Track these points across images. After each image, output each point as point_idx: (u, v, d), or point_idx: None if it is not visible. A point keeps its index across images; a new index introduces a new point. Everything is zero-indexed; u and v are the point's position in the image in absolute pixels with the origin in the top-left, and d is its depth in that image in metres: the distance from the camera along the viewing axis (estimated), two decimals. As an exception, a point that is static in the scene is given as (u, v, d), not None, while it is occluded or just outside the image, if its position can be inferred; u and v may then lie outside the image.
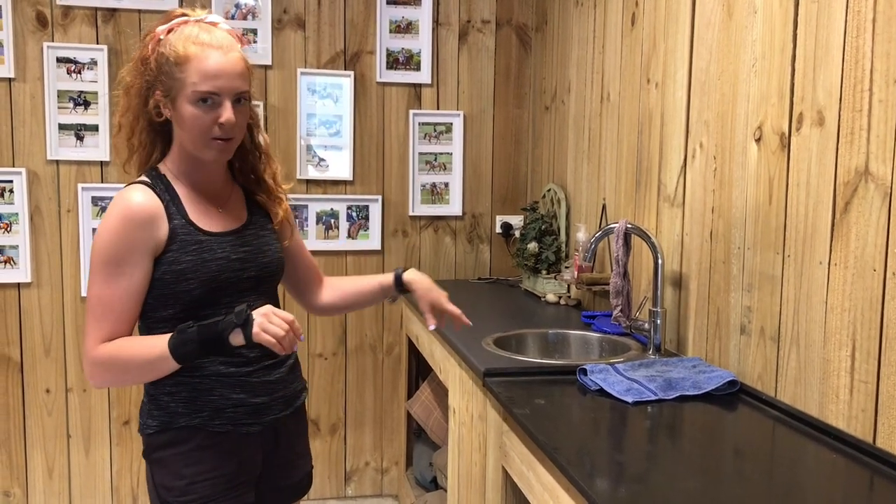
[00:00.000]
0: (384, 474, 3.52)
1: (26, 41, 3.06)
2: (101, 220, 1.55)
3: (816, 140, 1.60)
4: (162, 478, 1.60)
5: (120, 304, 1.51)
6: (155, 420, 1.60)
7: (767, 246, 1.76)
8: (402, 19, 3.35)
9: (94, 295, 1.51)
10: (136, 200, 1.53)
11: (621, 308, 2.17)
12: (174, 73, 1.51)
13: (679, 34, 2.15)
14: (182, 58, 1.51)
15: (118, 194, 1.57)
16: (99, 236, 1.52)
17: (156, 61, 1.54)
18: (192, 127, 1.53)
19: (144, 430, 1.62)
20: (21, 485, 3.21)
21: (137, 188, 1.56)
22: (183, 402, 1.58)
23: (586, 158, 2.85)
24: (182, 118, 1.53)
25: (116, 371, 1.53)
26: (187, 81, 1.50)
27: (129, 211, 1.51)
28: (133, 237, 1.51)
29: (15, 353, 3.15)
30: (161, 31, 1.56)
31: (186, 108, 1.52)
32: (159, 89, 1.54)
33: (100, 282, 1.51)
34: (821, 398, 1.59)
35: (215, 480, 1.59)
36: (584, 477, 1.35)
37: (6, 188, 3.08)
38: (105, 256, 1.50)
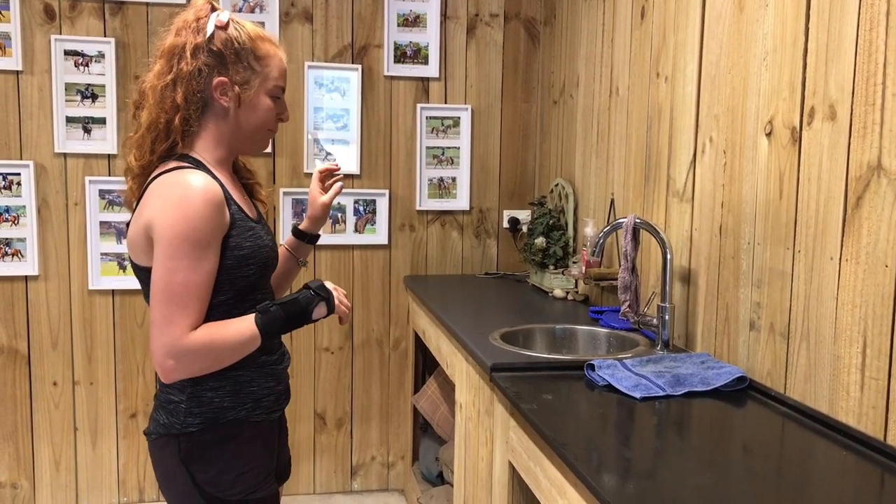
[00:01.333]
0: (390, 469, 3.52)
1: (34, 34, 3.06)
2: (171, 206, 1.47)
3: (828, 134, 1.58)
4: (206, 475, 1.56)
5: (205, 289, 1.49)
6: (198, 418, 1.55)
7: (778, 241, 1.75)
8: (409, 13, 3.34)
9: (179, 281, 1.45)
10: (207, 184, 1.49)
11: (629, 303, 2.16)
12: (254, 65, 1.59)
13: (689, 27, 2.14)
14: (266, 53, 1.60)
15: (180, 180, 1.49)
16: (178, 222, 1.45)
17: (229, 49, 1.56)
18: (263, 119, 1.62)
19: (184, 430, 1.55)
20: (28, 477, 3.22)
21: (196, 173, 1.51)
22: (229, 396, 1.57)
23: (595, 153, 2.84)
24: (256, 108, 1.61)
25: (210, 358, 1.50)
26: (270, 76, 1.61)
27: (208, 194, 1.48)
28: (215, 220, 1.49)
29: (22, 346, 3.16)
30: (222, 21, 1.57)
31: (264, 100, 1.61)
32: (225, 76, 1.56)
33: (185, 267, 1.45)
34: (831, 395, 1.58)
35: (258, 470, 1.61)
36: (591, 472, 1.34)
37: (14, 181, 3.08)
38: (192, 241, 1.45)
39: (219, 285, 1.52)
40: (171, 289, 1.46)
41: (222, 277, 1.53)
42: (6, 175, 3.08)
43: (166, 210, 1.47)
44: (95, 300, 3.20)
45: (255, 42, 1.59)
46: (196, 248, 1.46)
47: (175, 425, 1.55)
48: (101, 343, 3.22)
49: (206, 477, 1.56)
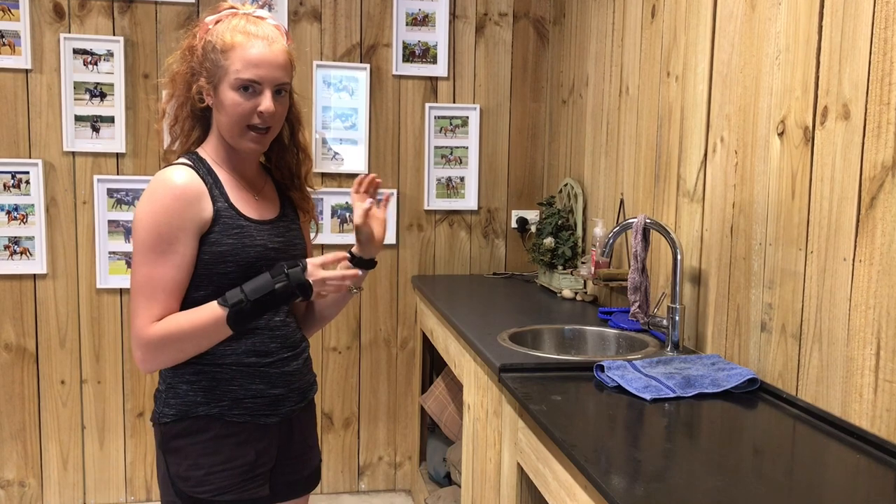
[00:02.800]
0: (397, 469, 3.51)
1: (43, 32, 3.06)
2: (143, 200, 1.53)
3: (841, 134, 1.57)
4: (178, 468, 1.59)
5: (172, 282, 1.51)
6: (172, 409, 1.59)
7: (790, 242, 1.73)
8: (418, 12, 3.33)
9: (144, 275, 1.50)
10: (181, 178, 1.53)
11: (639, 304, 2.15)
12: (219, 61, 1.56)
13: (700, 26, 2.12)
14: (227, 45, 1.55)
15: (159, 174, 1.56)
16: (146, 215, 1.51)
17: (202, 49, 1.58)
18: (231, 113, 1.56)
19: (160, 420, 1.61)
20: (36, 475, 3.22)
21: (179, 168, 1.57)
22: (202, 391, 1.58)
23: (604, 153, 2.82)
24: (223, 104, 1.57)
25: (172, 349, 1.52)
26: (230, 69, 1.55)
27: (177, 188, 1.52)
28: (183, 214, 1.51)
29: (30, 345, 3.16)
30: (210, 21, 1.60)
31: (228, 94, 1.55)
32: (203, 76, 1.58)
33: (150, 261, 1.49)
34: (843, 397, 1.56)
35: (232, 471, 1.59)
36: (601, 474, 1.33)
37: (22, 179, 3.09)
38: (155, 235, 1.49)
39: (198, 279, 1.55)
40: (137, 282, 1.51)
41: (200, 272, 1.55)
42: (15, 173, 3.08)
43: (139, 205, 1.53)
44: (103, 299, 3.20)
45: (223, 35, 1.57)
46: (160, 241, 1.49)
47: (156, 414, 1.62)
48: (108, 342, 3.22)
49: (178, 470, 1.58)
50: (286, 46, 1.62)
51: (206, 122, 1.66)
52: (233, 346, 1.59)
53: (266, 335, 1.63)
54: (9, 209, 3.09)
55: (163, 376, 1.64)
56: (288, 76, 1.61)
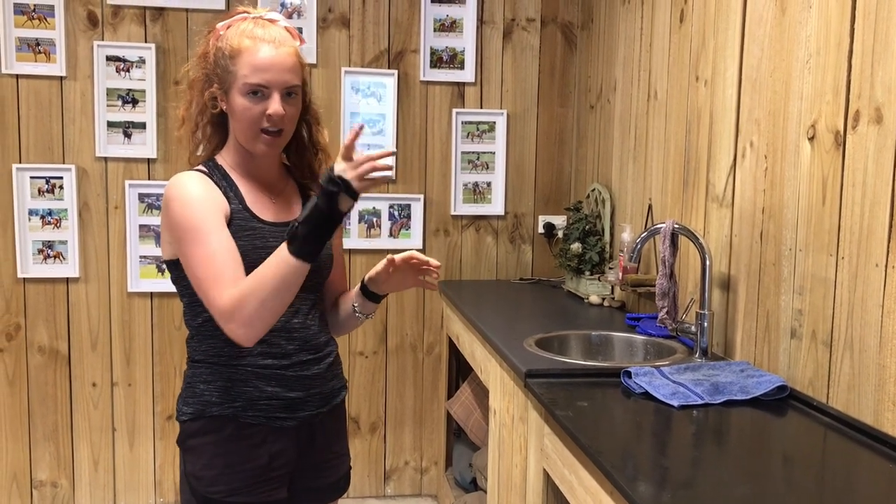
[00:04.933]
0: (423, 474, 3.51)
1: (77, 40, 3.12)
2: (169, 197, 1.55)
3: (874, 138, 1.54)
4: (193, 467, 1.61)
5: (229, 252, 1.50)
6: (190, 407, 1.62)
7: (820, 247, 1.71)
8: (446, 18, 3.34)
9: (200, 255, 1.49)
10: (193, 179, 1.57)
11: (667, 310, 2.13)
12: (228, 66, 1.57)
13: (729, 30, 2.10)
14: (235, 51, 1.56)
15: (173, 179, 1.59)
16: (182, 205, 1.53)
17: (213, 55, 1.60)
18: (241, 118, 1.58)
19: (179, 417, 1.65)
20: (68, 476, 3.27)
21: (191, 174, 1.60)
22: (217, 392, 1.59)
23: (632, 158, 2.81)
24: (233, 110, 1.58)
25: (254, 304, 1.44)
26: (238, 74, 1.55)
27: (193, 178, 1.57)
28: (208, 196, 1.55)
29: (63, 347, 3.21)
30: (221, 26, 1.62)
31: (237, 99, 1.57)
32: (216, 82, 1.60)
33: (200, 241, 1.49)
34: (876, 405, 1.54)
35: (245, 472, 1.59)
36: (627, 481, 1.32)
37: (56, 184, 3.14)
38: (195, 218, 1.51)
39: None
40: (196, 266, 1.50)
41: None
42: (49, 178, 3.13)
43: (168, 202, 1.56)
44: (134, 302, 3.24)
45: (231, 40, 1.57)
46: (202, 221, 1.51)
47: (177, 412, 1.66)
48: (139, 345, 3.26)
49: (193, 469, 1.61)
50: (295, 48, 1.61)
51: (224, 128, 1.68)
52: (248, 348, 1.56)
53: (283, 336, 1.61)
54: (43, 214, 3.14)
55: (185, 375, 1.67)
56: (297, 78, 1.60)
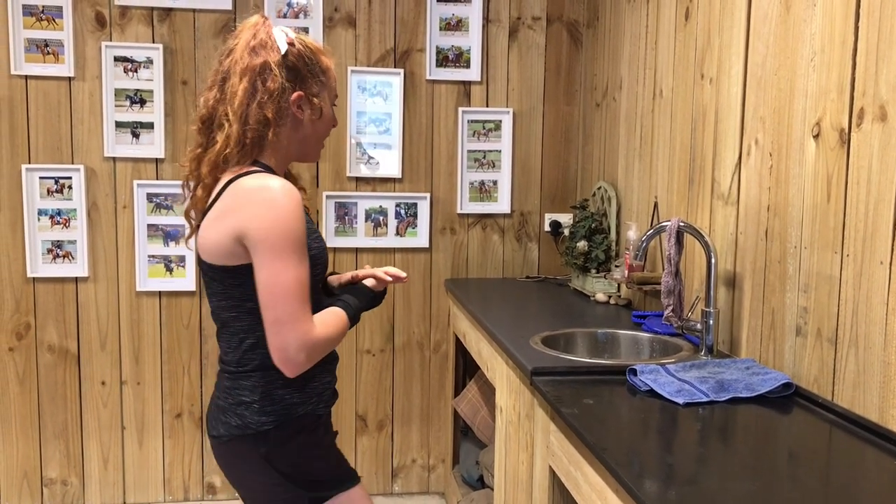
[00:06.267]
0: (431, 472, 3.53)
1: (86, 41, 3.14)
2: (266, 208, 1.52)
3: (878, 136, 1.55)
4: (289, 465, 1.66)
5: (309, 281, 1.56)
6: (271, 416, 1.63)
7: (825, 245, 1.71)
8: (452, 17, 3.35)
9: (294, 277, 1.51)
10: (289, 185, 1.56)
11: (673, 308, 2.13)
12: (321, 78, 1.70)
13: (734, 28, 2.11)
14: (327, 66, 1.72)
15: (258, 184, 1.55)
16: (281, 222, 1.51)
17: (303, 65, 1.66)
18: (326, 126, 1.73)
19: (260, 428, 1.62)
20: (78, 474, 3.29)
21: (273, 176, 1.60)
22: (297, 393, 1.66)
23: (638, 156, 2.81)
24: (324, 118, 1.72)
25: (326, 350, 1.60)
26: (331, 86, 1.73)
27: (293, 194, 1.55)
28: (302, 219, 1.56)
29: (73, 346, 3.24)
30: (292, 38, 1.66)
31: (329, 109, 1.73)
32: (301, 90, 1.66)
33: (294, 265, 1.52)
34: (881, 402, 1.54)
35: (331, 455, 1.76)
36: (633, 478, 1.33)
37: (65, 184, 3.16)
38: (292, 239, 1.52)
39: None
40: (289, 287, 1.50)
41: None
42: (58, 179, 3.15)
43: (261, 215, 1.51)
44: (143, 302, 3.26)
45: (317, 55, 1.70)
46: (296, 245, 1.52)
47: (250, 426, 1.62)
48: (147, 344, 3.28)
49: (291, 466, 1.66)
50: None
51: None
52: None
53: None
54: (52, 214, 3.16)
55: (249, 387, 1.64)
56: None
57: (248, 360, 1.64)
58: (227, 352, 1.67)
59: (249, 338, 1.63)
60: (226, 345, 1.67)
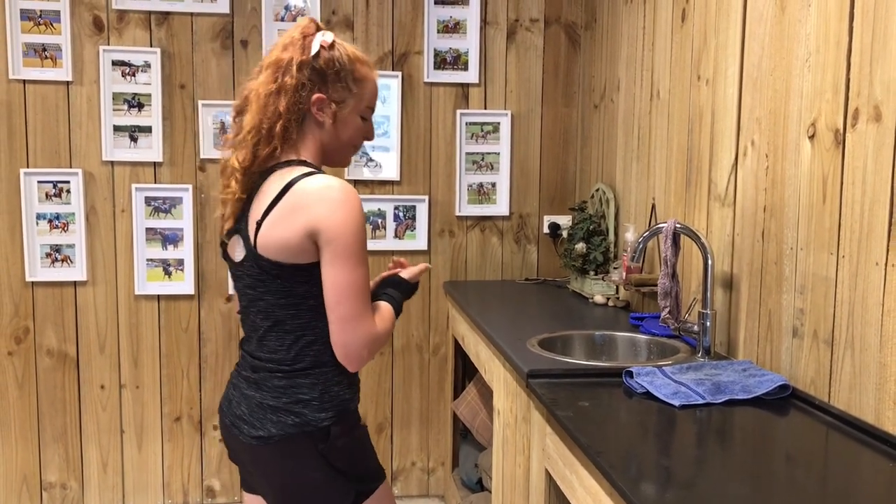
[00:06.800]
0: (430, 474, 3.52)
1: (83, 45, 3.14)
2: (338, 208, 1.56)
3: (873, 136, 1.54)
4: (344, 461, 1.68)
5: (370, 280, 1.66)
6: (329, 412, 1.66)
7: (821, 246, 1.71)
8: (449, 19, 3.34)
9: (361, 277, 1.59)
10: (351, 186, 1.62)
11: (670, 310, 2.13)
12: (351, 86, 1.69)
13: (730, 29, 2.10)
14: (363, 76, 1.71)
15: (325, 184, 1.58)
16: (352, 223, 1.57)
17: (331, 70, 1.66)
18: (352, 136, 1.74)
19: (320, 424, 1.64)
20: (77, 478, 3.29)
21: (332, 176, 1.63)
22: (347, 388, 1.71)
23: (636, 157, 2.81)
24: (346, 126, 1.72)
25: (384, 344, 1.70)
26: (363, 97, 1.72)
27: (357, 197, 1.62)
28: (365, 219, 1.64)
29: (71, 350, 3.24)
30: (327, 42, 1.67)
31: (355, 119, 1.72)
32: (323, 93, 1.67)
33: (363, 264, 1.59)
34: (877, 404, 1.53)
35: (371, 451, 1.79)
36: (627, 481, 1.32)
37: (64, 188, 3.16)
38: (361, 240, 1.59)
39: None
40: (358, 286, 1.58)
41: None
42: (56, 183, 3.16)
43: (335, 214, 1.56)
44: (141, 305, 3.26)
45: (354, 64, 1.70)
46: (363, 245, 1.60)
47: (311, 423, 1.64)
48: (146, 347, 3.28)
49: (346, 463, 1.68)
50: None
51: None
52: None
53: None
54: (50, 217, 3.16)
55: (308, 385, 1.66)
56: None
57: (303, 357, 1.65)
58: (276, 350, 1.66)
59: (307, 335, 1.65)
60: (276, 343, 1.66)
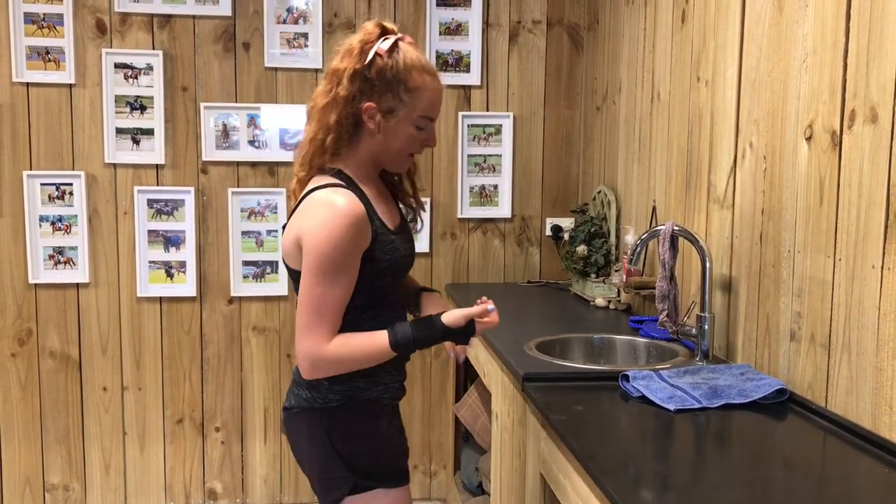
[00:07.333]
0: (432, 478, 3.51)
1: (86, 48, 3.15)
2: (317, 225, 1.58)
3: (869, 138, 1.52)
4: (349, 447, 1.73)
5: (341, 303, 1.63)
6: (338, 395, 1.72)
7: (818, 249, 1.69)
8: (451, 21, 3.34)
9: (319, 295, 1.59)
10: (352, 206, 1.60)
11: (668, 313, 2.11)
12: (402, 96, 1.65)
13: (729, 30, 2.09)
14: (418, 84, 1.66)
15: (325, 197, 1.61)
16: (323, 241, 1.58)
17: (380, 78, 1.64)
18: (404, 145, 1.70)
19: (326, 404, 1.72)
20: (79, 480, 3.30)
21: (343, 192, 1.63)
22: (363, 378, 1.73)
23: (636, 159, 2.79)
24: (396, 135, 1.68)
25: (344, 367, 1.66)
26: (417, 107, 1.67)
27: (350, 217, 1.59)
28: (356, 241, 1.61)
29: (74, 352, 3.24)
30: (383, 49, 1.64)
31: (407, 129, 1.68)
32: (374, 102, 1.65)
33: (325, 283, 1.59)
34: (873, 409, 1.51)
35: (388, 445, 1.80)
36: (617, 487, 1.31)
37: (66, 191, 3.17)
38: (331, 260, 1.58)
39: (356, 291, 1.65)
40: (312, 300, 1.60)
41: (361, 286, 1.66)
42: (59, 185, 3.17)
43: (315, 228, 1.59)
44: (143, 307, 3.26)
45: (409, 73, 1.65)
46: (335, 266, 1.59)
47: (318, 400, 1.72)
48: (148, 349, 3.29)
49: (347, 448, 1.73)
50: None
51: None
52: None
53: None
54: (53, 220, 3.17)
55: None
56: None
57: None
58: None
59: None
60: None
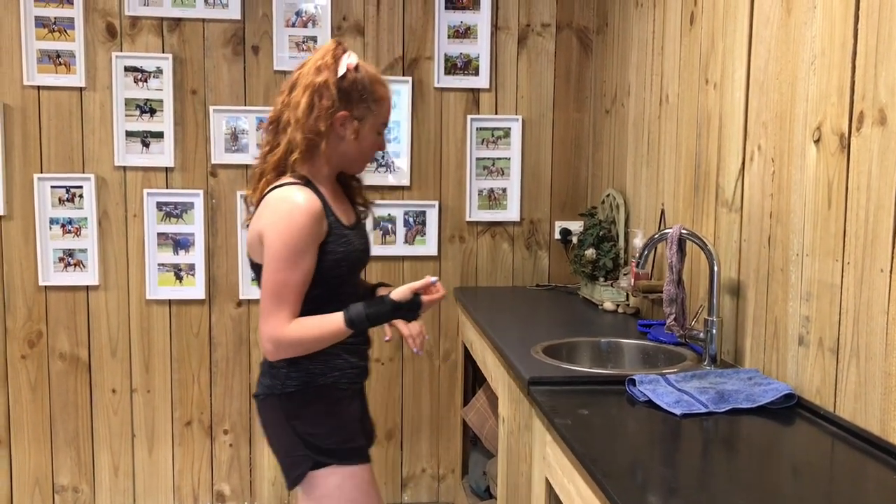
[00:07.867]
0: (440, 481, 3.50)
1: (96, 51, 3.16)
2: (276, 219, 1.77)
3: (878, 140, 1.51)
4: (306, 428, 1.88)
5: (300, 287, 1.79)
6: (295, 380, 1.88)
7: (826, 253, 1.67)
8: (460, 24, 3.33)
9: (280, 280, 1.76)
10: (310, 200, 1.79)
11: (675, 317, 2.10)
12: (371, 106, 1.88)
13: (737, 32, 2.07)
14: (381, 96, 1.90)
15: (284, 194, 1.80)
16: (284, 230, 1.76)
17: (355, 90, 1.85)
18: (366, 149, 1.93)
19: (284, 390, 1.87)
20: (88, 482, 3.31)
21: (301, 188, 1.81)
22: (320, 365, 1.88)
23: (645, 162, 2.78)
24: (363, 141, 1.90)
25: (301, 349, 1.81)
26: (381, 115, 1.91)
27: (309, 209, 1.77)
28: (313, 229, 1.78)
29: (83, 354, 3.26)
30: (352, 64, 1.86)
31: (371, 135, 1.91)
32: (348, 111, 1.85)
33: (283, 269, 1.76)
34: (882, 415, 1.50)
35: (347, 426, 1.94)
36: (622, 492, 1.29)
37: (76, 193, 3.19)
38: (290, 248, 1.76)
39: (314, 282, 1.82)
40: (274, 286, 1.77)
41: (318, 276, 1.82)
42: (69, 188, 3.18)
43: (275, 222, 1.78)
44: (153, 310, 3.27)
45: (374, 85, 1.89)
46: (295, 252, 1.76)
47: (277, 386, 1.89)
48: (157, 352, 3.29)
49: (305, 428, 1.88)
50: None
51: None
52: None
53: None
54: (63, 222, 3.19)
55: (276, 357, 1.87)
56: None
57: None
58: None
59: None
60: None
